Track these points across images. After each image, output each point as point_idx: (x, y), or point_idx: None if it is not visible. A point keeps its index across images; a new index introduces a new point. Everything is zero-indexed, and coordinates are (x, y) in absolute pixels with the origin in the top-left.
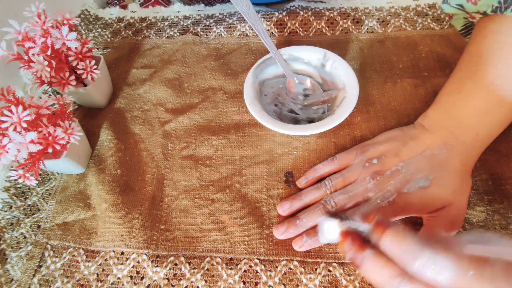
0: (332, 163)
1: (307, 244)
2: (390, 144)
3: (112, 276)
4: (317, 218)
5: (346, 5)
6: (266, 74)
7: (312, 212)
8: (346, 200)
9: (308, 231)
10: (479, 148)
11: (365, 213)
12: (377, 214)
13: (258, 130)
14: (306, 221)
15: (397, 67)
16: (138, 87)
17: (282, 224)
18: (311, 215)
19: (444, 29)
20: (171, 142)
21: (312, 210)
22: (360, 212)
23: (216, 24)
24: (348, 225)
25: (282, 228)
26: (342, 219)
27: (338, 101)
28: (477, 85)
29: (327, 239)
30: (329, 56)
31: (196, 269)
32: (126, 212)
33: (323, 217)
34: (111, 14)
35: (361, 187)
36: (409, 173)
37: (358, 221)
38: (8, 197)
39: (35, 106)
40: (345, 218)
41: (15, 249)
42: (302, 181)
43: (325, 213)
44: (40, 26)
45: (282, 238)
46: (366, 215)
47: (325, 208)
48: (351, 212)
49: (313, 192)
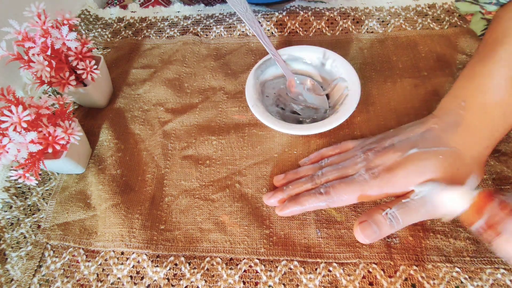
0: (336, 147)
1: (287, 209)
2: (395, 130)
3: (112, 276)
4: (302, 186)
5: (346, 5)
6: (267, 75)
7: (299, 182)
8: (333, 172)
9: (291, 197)
10: (491, 131)
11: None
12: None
13: (258, 130)
14: (292, 188)
15: (397, 67)
16: (138, 87)
17: (271, 191)
18: (298, 184)
19: (444, 29)
20: (171, 142)
21: (299, 180)
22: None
23: (216, 24)
24: (487, 190)
25: (269, 193)
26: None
27: (340, 100)
28: (489, 66)
29: (451, 209)
30: (328, 55)
31: (196, 269)
32: (126, 212)
33: (431, 185)
34: (111, 14)
35: (350, 161)
36: (401, 146)
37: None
38: (8, 197)
39: (35, 106)
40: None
41: (15, 249)
42: (304, 160)
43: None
44: (40, 26)
45: (270, 203)
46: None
47: (312, 179)
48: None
49: (309, 168)
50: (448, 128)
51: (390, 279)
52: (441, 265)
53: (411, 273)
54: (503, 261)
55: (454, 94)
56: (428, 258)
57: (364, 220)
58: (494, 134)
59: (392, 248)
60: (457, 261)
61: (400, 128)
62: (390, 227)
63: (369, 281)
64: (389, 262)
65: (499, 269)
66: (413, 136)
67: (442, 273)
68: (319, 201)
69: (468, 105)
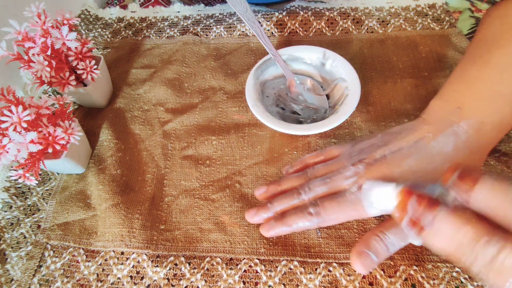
0: (320, 154)
1: (273, 230)
2: (383, 136)
3: (112, 276)
4: (288, 203)
5: (346, 5)
6: (267, 75)
7: (284, 197)
8: (321, 186)
9: (277, 216)
10: (487, 140)
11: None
12: (459, 167)
13: (258, 130)
14: (276, 205)
15: (397, 67)
16: (138, 87)
17: (254, 207)
18: (282, 200)
19: (444, 29)
20: (171, 142)
21: (285, 195)
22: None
23: (216, 24)
24: (408, 186)
25: (253, 211)
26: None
27: (340, 100)
28: (482, 69)
29: (377, 208)
30: (328, 55)
31: (196, 269)
32: (126, 212)
33: (370, 182)
34: (111, 14)
35: (340, 174)
36: (394, 160)
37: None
38: (8, 197)
39: (35, 106)
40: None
41: (15, 249)
42: (287, 169)
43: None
44: (40, 26)
45: (254, 221)
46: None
47: (298, 193)
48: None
49: (292, 179)
50: (443, 139)
51: (390, 279)
52: (441, 265)
53: (411, 273)
54: None
55: (446, 97)
56: (428, 258)
57: (362, 251)
58: (490, 144)
59: None
60: None
61: (390, 133)
62: (387, 254)
63: (369, 281)
64: (389, 262)
65: None
66: (406, 146)
67: (442, 273)
68: (308, 222)
69: (465, 114)
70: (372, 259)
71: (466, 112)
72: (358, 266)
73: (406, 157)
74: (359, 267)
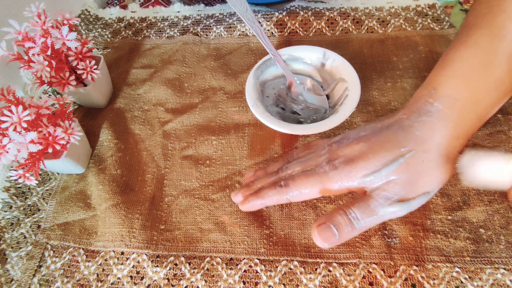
0: (306, 145)
1: (248, 203)
2: (365, 123)
3: (112, 276)
4: (266, 181)
5: (346, 5)
6: (267, 75)
7: (264, 176)
8: (296, 165)
9: (255, 192)
10: (461, 117)
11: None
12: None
13: (258, 130)
14: (256, 183)
15: (397, 67)
16: (138, 87)
17: (239, 188)
18: (262, 179)
19: (444, 29)
20: (171, 142)
21: (265, 175)
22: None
23: (216, 24)
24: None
25: (237, 190)
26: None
27: (340, 100)
28: (459, 50)
29: (484, 178)
30: (328, 55)
31: (196, 269)
32: (126, 212)
33: (474, 152)
34: (111, 14)
35: (314, 153)
36: (366, 137)
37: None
38: (8, 197)
39: (35, 106)
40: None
41: (15, 249)
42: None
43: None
44: (40, 26)
45: (237, 200)
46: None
47: (276, 172)
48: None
49: (276, 163)
50: (415, 117)
51: (390, 279)
52: (441, 265)
53: (411, 273)
54: (503, 261)
55: (426, 83)
56: (428, 258)
57: (323, 222)
58: (466, 123)
59: (392, 248)
60: (457, 261)
61: (371, 121)
62: (351, 229)
63: (369, 281)
64: (389, 262)
65: (499, 269)
66: (380, 127)
67: (442, 273)
68: (278, 194)
69: (439, 93)
70: (333, 232)
71: (440, 91)
72: (316, 237)
73: (376, 133)
74: (317, 238)
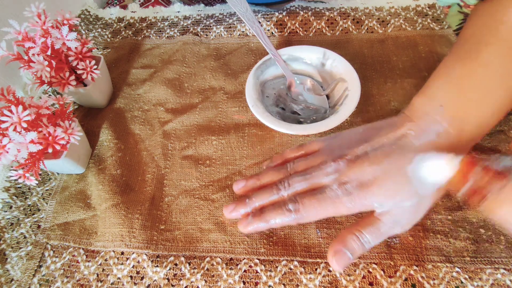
0: (300, 148)
1: (251, 226)
2: (365, 131)
3: (112, 276)
4: (267, 198)
5: (346, 5)
6: (267, 75)
7: (263, 192)
8: (301, 182)
9: (255, 211)
10: (468, 138)
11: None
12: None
13: (258, 130)
14: (255, 200)
15: (397, 67)
16: (138, 87)
17: (232, 203)
18: (261, 195)
19: (444, 29)
20: (171, 142)
21: (264, 190)
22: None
23: (216, 24)
24: (470, 157)
25: (231, 207)
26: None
27: (340, 100)
28: (467, 66)
29: (435, 179)
30: (328, 55)
31: (196, 269)
32: (126, 212)
33: (422, 155)
34: (111, 14)
35: (320, 170)
36: (376, 157)
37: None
38: (8, 197)
39: (35, 106)
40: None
41: (15, 249)
42: (267, 163)
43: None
44: (40, 26)
45: (231, 217)
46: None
47: (277, 189)
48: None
49: (271, 173)
50: (424, 137)
51: (390, 279)
52: (441, 265)
53: (411, 273)
54: (503, 261)
55: (429, 94)
56: (428, 258)
57: (339, 250)
58: (470, 145)
59: (392, 248)
60: (457, 261)
61: (371, 127)
62: (363, 251)
63: (369, 281)
64: (389, 262)
65: (499, 269)
66: (387, 143)
67: (442, 273)
68: (287, 218)
69: (447, 112)
70: (348, 257)
71: (448, 110)
72: (333, 264)
73: (387, 154)
74: (335, 265)
